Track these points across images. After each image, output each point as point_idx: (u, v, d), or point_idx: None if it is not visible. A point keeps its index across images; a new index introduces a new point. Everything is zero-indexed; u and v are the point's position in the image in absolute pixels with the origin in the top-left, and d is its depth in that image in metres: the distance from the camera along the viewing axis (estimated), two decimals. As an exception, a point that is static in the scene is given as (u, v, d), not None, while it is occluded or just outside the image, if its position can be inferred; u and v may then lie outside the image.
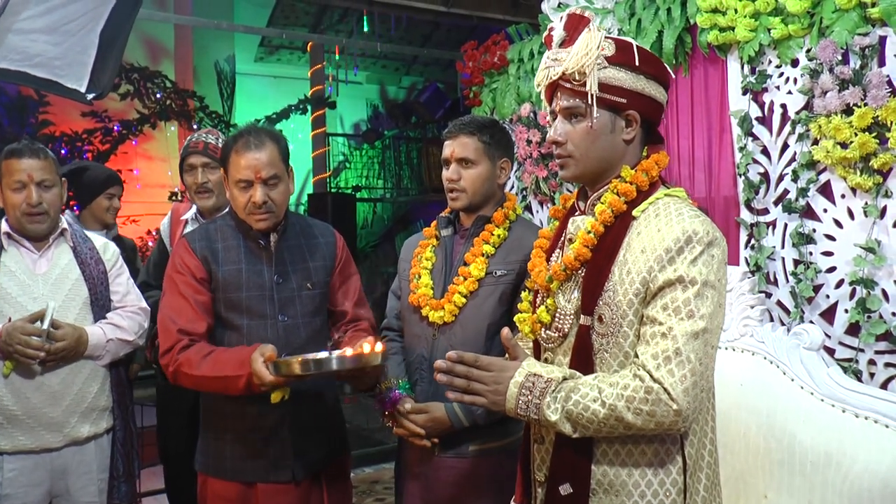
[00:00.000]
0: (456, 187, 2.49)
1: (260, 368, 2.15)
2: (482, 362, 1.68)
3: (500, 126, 2.58)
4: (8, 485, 2.59)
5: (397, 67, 13.01)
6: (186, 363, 2.31)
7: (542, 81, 1.79)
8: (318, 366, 2.14)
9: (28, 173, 2.68)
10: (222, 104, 10.49)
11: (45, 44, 3.72)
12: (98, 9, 3.84)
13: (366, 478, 5.39)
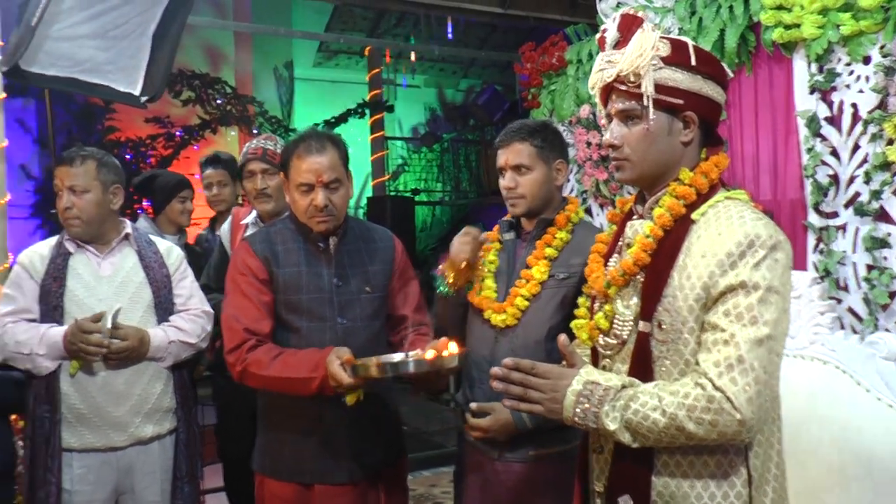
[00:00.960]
0: (514, 195, 2.46)
1: (337, 370, 2.16)
2: (539, 369, 1.65)
3: (552, 128, 2.55)
4: (77, 482, 2.65)
5: (455, 70, 13.02)
6: (255, 363, 2.33)
7: (596, 84, 1.76)
8: (395, 368, 2.15)
9: (61, 178, 2.76)
10: (281, 109, 10.62)
11: (94, 49, 3.78)
12: (149, 11, 3.89)
13: (424, 481, 5.37)
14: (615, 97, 1.72)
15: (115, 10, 3.77)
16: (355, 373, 2.14)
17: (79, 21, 3.68)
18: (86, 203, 2.75)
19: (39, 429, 2.64)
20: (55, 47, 3.66)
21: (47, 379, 2.65)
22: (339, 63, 12.48)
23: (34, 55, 3.61)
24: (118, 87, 3.94)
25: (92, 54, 3.77)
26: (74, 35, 3.70)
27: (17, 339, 2.63)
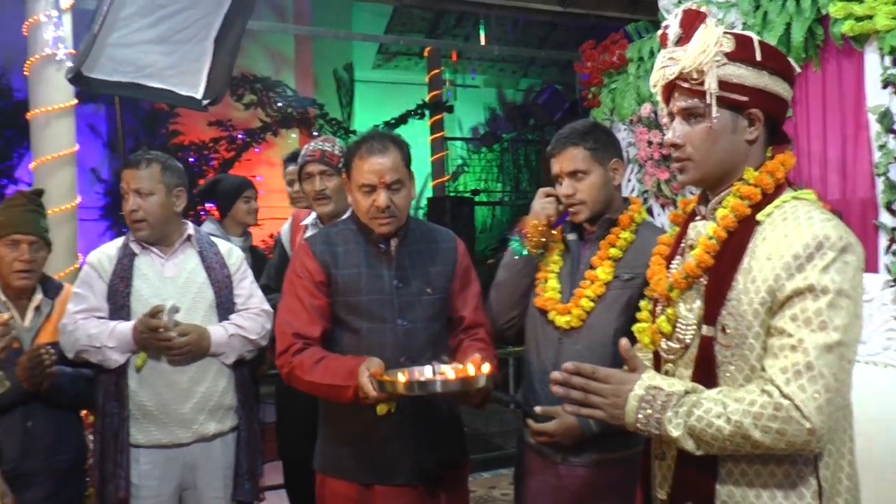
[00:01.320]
0: (574, 201, 2.43)
1: (365, 383, 2.16)
2: (600, 374, 1.61)
3: (602, 127, 2.52)
4: (144, 476, 2.72)
5: (514, 70, 12.96)
6: (300, 367, 2.35)
7: (658, 82, 1.72)
8: (421, 387, 2.13)
9: (127, 182, 2.81)
10: (341, 111, 10.70)
11: (157, 54, 3.85)
12: (210, 16, 3.94)
13: (483, 482, 5.35)
14: (677, 95, 1.68)
15: (176, 15, 3.84)
16: (382, 388, 2.14)
17: (141, 27, 3.75)
18: (151, 205, 2.80)
19: (108, 425, 2.71)
20: (117, 53, 3.74)
21: (116, 376, 2.72)
22: (398, 64, 12.52)
23: (96, 61, 3.70)
24: (180, 91, 4.01)
25: (154, 59, 3.84)
26: (136, 41, 3.78)
27: (88, 332, 2.71)
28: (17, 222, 2.87)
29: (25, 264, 2.85)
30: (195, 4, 3.89)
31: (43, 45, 4.54)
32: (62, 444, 2.89)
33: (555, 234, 2.54)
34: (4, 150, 7.77)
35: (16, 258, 2.83)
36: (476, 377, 2.13)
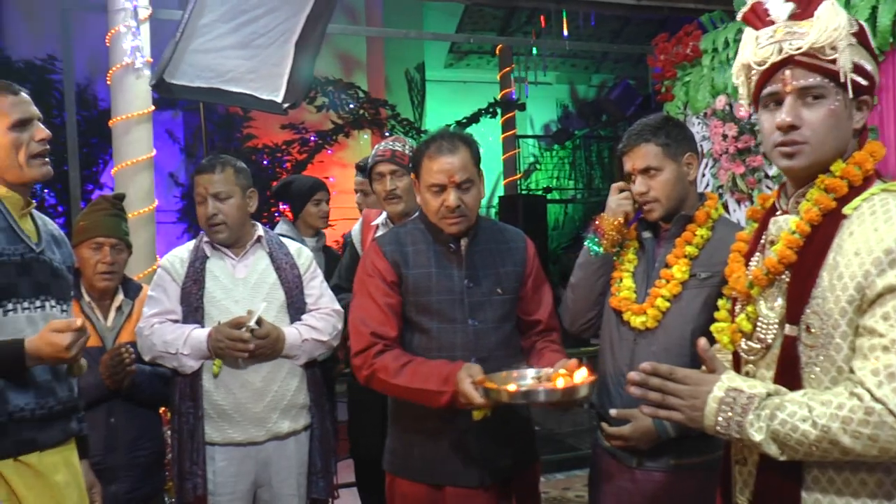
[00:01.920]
0: (648, 199, 2.36)
1: (469, 390, 2.13)
2: (678, 374, 1.55)
3: (675, 121, 2.44)
4: (220, 474, 2.76)
5: (587, 66, 12.85)
6: (383, 369, 2.33)
7: (768, 57, 1.58)
8: (527, 397, 2.11)
9: (205, 187, 2.84)
10: (413, 111, 10.76)
11: (238, 59, 3.91)
12: (291, 20, 3.99)
13: (557, 484, 5.29)
14: (794, 72, 1.55)
15: (258, 20, 3.90)
16: (487, 396, 2.11)
17: (222, 33, 3.82)
18: (229, 208, 2.85)
19: (185, 424, 2.76)
20: (199, 59, 3.81)
21: (190, 377, 2.77)
22: (469, 63, 12.54)
23: (178, 68, 3.78)
24: (261, 95, 4.08)
25: (236, 64, 3.91)
26: (218, 47, 3.85)
27: (164, 339, 2.76)
28: (100, 226, 2.97)
29: (108, 266, 2.94)
30: (276, 9, 3.94)
31: (123, 55, 4.66)
32: (143, 440, 2.96)
33: (628, 233, 2.49)
34: (90, 156, 8.04)
35: (99, 260, 2.93)
36: (580, 386, 2.09)
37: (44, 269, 2.25)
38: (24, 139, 2.18)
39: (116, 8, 4.67)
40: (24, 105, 2.21)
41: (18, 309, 2.16)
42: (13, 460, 2.11)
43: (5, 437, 2.09)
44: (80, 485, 2.31)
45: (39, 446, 2.16)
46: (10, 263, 2.15)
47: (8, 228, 2.19)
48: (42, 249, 2.27)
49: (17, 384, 2.13)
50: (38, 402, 2.16)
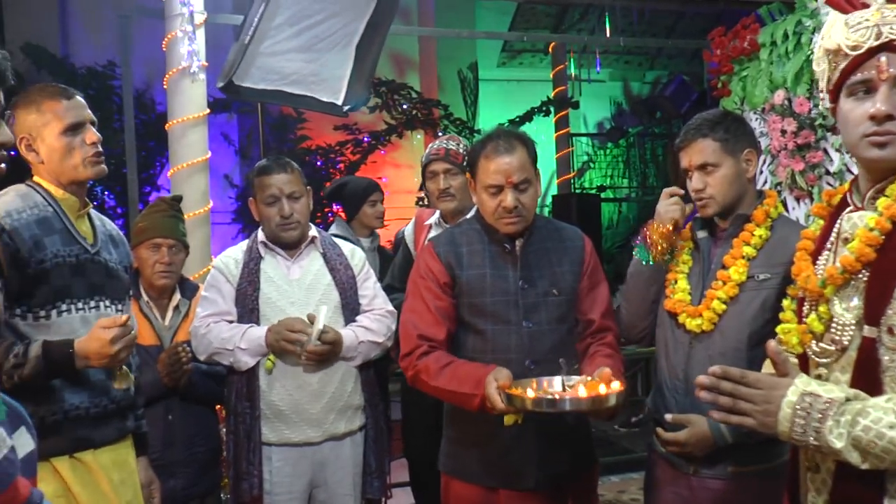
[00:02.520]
0: (703, 196, 2.30)
1: (493, 394, 2.11)
2: (749, 378, 1.47)
3: (734, 116, 2.36)
4: (276, 474, 2.78)
5: (641, 62, 12.69)
6: (425, 371, 2.33)
7: (863, 42, 1.50)
8: (551, 405, 2.07)
9: (279, 187, 2.85)
10: (466, 111, 10.73)
11: (301, 62, 3.96)
12: (352, 24, 4.03)
13: (612, 487, 5.22)
14: (891, 58, 1.48)
15: (322, 23, 3.95)
16: (510, 402, 2.08)
17: (288, 36, 3.88)
18: (301, 207, 2.89)
19: (241, 424, 2.78)
20: (265, 62, 3.88)
21: (247, 377, 2.79)
22: (522, 62, 12.48)
23: (247, 71, 3.85)
24: (322, 97, 4.13)
25: (299, 67, 3.97)
26: (283, 50, 3.91)
27: (221, 336, 2.79)
28: (159, 227, 3.04)
29: (166, 266, 3.01)
30: (339, 13, 3.99)
31: (179, 60, 4.75)
32: (199, 437, 3.01)
33: (682, 234, 2.44)
34: (147, 159, 8.21)
35: (157, 260, 3.00)
36: (606, 396, 2.04)
37: (98, 270, 2.29)
38: (75, 143, 2.23)
39: (173, 13, 4.76)
40: (76, 109, 2.25)
41: (73, 309, 2.20)
42: (68, 457, 2.15)
43: (60, 434, 2.14)
44: (135, 483, 2.35)
45: (94, 444, 2.21)
46: (65, 265, 2.19)
47: (64, 230, 2.23)
48: (98, 250, 2.31)
49: (72, 383, 2.17)
50: (92, 402, 2.21)
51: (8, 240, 2.09)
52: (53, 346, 2.09)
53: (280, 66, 3.93)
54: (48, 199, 2.24)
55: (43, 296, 2.15)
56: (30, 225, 2.15)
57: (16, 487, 1.21)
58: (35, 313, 2.15)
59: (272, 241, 2.90)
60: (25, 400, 2.05)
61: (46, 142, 2.22)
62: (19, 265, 2.11)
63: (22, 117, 2.22)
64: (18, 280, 2.11)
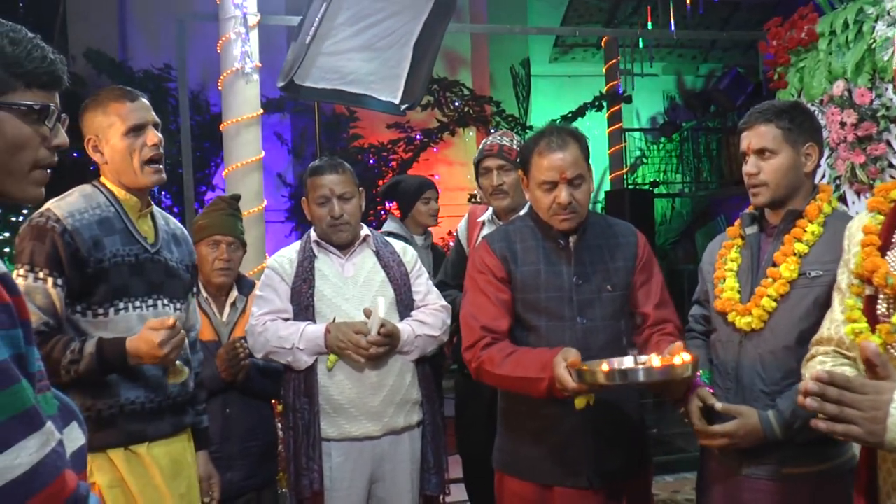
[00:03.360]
0: (756, 182, 2.24)
1: (562, 374, 2.08)
2: (855, 384, 1.39)
3: (802, 108, 2.30)
4: (336, 469, 2.79)
5: (694, 55, 12.52)
6: (489, 361, 2.32)
7: None
8: (623, 377, 2.04)
9: (330, 188, 2.87)
10: (518, 107, 10.71)
11: (360, 61, 4.00)
12: (411, 23, 4.06)
13: (666, 486, 5.16)
14: None
15: (381, 23, 3.99)
16: (581, 378, 2.04)
17: (348, 35, 3.93)
18: (352, 208, 2.90)
19: (300, 420, 2.80)
20: (326, 61, 3.93)
21: (305, 373, 2.81)
22: (575, 57, 12.41)
23: (308, 70, 3.90)
24: (380, 96, 4.16)
25: (357, 66, 4.01)
26: (343, 49, 3.95)
27: (278, 334, 2.81)
28: (217, 225, 3.11)
29: (224, 263, 3.08)
30: (398, 13, 4.02)
31: (233, 61, 4.83)
32: (256, 431, 3.06)
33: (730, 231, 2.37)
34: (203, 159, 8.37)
35: (216, 257, 3.07)
36: (682, 365, 2.01)
37: (158, 269, 2.34)
38: (137, 145, 2.27)
39: (227, 16, 4.84)
40: (140, 111, 2.30)
41: (130, 307, 2.26)
42: (123, 449, 2.21)
43: (116, 427, 2.20)
44: (190, 476, 2.39)
45: (147, 437, 2.26)
46: (123, 264, 2.25)
47: (124, 230, 2.28)
48: (158, 249, 2.36)
49: (128, 379, 2.23)
50: (147, 397, 2.26)
51: (69, 239, 2.15)
52: (107, 344, 2.15)
53: (340, 65, 3.97)
54: (111, 200, 2.30)
55: (102, 294, 2.22)
56: (91, 225, 2.21)
57: (63, 480, 1.24)
58: (94, 310, 2.22)
59: (324, 240, 2.93)
60: (84, 394, 2.16)
61: (110, 142, 2.27)
62: (79, 264, 2.17)
63: (89, 119, 2.29)
64: (79, 279, 2.18)
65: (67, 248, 2.15)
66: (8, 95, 1.29)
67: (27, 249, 2.15)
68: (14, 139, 1.31)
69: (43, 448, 1.21)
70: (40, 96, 1.34)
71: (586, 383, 2.04)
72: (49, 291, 2.14)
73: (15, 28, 1.33)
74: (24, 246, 2.16)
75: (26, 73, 1.31)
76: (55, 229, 2.15)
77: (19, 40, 1.31)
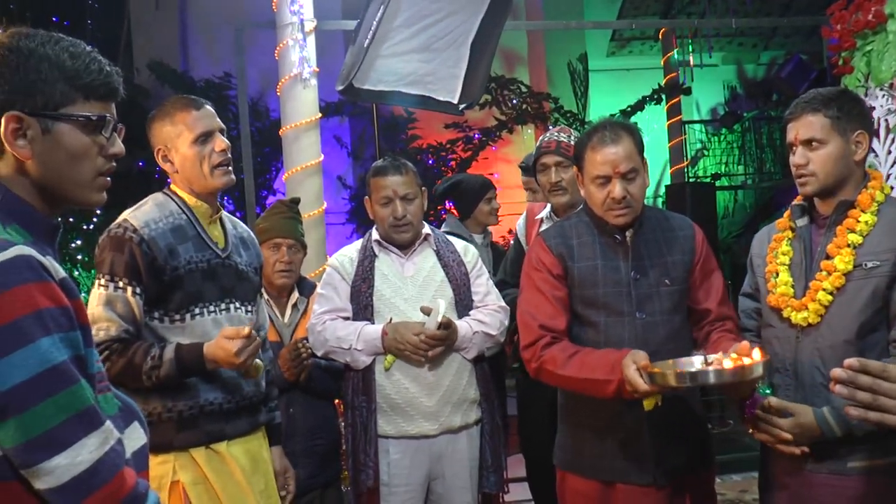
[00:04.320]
0: (804, 172, 2.19)
1: (634, 376, 2.07)
2: (891, 372, 1.36)
3: (851, 95, 2.24)
4: (394, 466, 2.83)
5: (755, 43, 12.26)
6: (551, 361, 2.32)
7: None
8: (694, 378, 2.03)
9: (393, 189, 2.90)
10: (576, 103, 10.64)
11: (418, 62, 4.02)
12: (468, 22, 4.06)
13: (733, 486, 5.06)
14: None
15: (438, 23, 4.00)
16: (652, 381, 2.03)
17: (406, 37, 3.95)
18: (415, 209, 2.93)
19: (358, 417, 2.85)
20: (384, 64, 3.96)
21: (363, 371, 2.85)
22: (632, 50, 12.28)
23: (366, 73, 3.94)
24: (438, 96, 4.18)
25: (416, 67, 4.03)
26: (401, 51, 3.98)
27: (337, 334, 2.86)
28: (278, 227, 3.17)
29: (285, 265, 3.14)
30: (457, 12, 4.03)
31: (291, 67, 4.90)
32: (319, 430, 3.12)
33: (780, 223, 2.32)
34: (263, 164, 8.51)
35: (277, 259, 3.13)
36: (752, 366, 1.97)
37: (229, 273, 2.40)
38: (206, 151, 2.33)
39: (284, 23, 4.91)
40: (206, 119, 2.36)
41: (205, 312, 2.32)
42: (204, 448, 2.27)
43: (197, 427, 2.27)
44: (267, 472, 2.45)
45: (227, 436, 2.32)
46: (197, 270, 2.31)
47: (196, 237, 2.35)
48: (228, 254, 2.42)
49: (207, 380, 2.30)
50: (225, 397, 2.32)
51: (147, 249, 2.22)
52: (185, 350, 2.22)
53: (398, 67, 4.00)
54: (182, 207, 2.37)
55: (178, 300, 2.29)
56: (165, 234, 2.27)
57: (122, 478, 1.29)
58: (171, 316, 2.29)
59: (386, 240, 2.96)
60: (165, 396, 2.24)
61: (179, 151, 2.33)
62: (156, 272, 2.24)
63: (157, 129, 2.36)
64: (156, 286, 2.25)
65: (145, 258, 2.22)
66: (68, 107, 1.35)
67: (107, 260, 2.22)
68: (75, 150, 1.37)
69: (102, 446, 1.26)
70: (98, 107, 1.39)
71: (657, 385, 2.03)
72: (129, 300, 2.21)
73: (74, 42, 1.38)
74: (105, 256, 2.23)
75: (85, 85, 1.36)
76: (133, 239, 2.22)
77: (78, 54, 1.36)
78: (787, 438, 2.14)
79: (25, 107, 1.31)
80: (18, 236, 1.30)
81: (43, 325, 1.22)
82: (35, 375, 1.21)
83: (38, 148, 1.33)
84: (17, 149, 1.32)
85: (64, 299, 1.28)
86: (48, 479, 1.22)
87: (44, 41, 1.34)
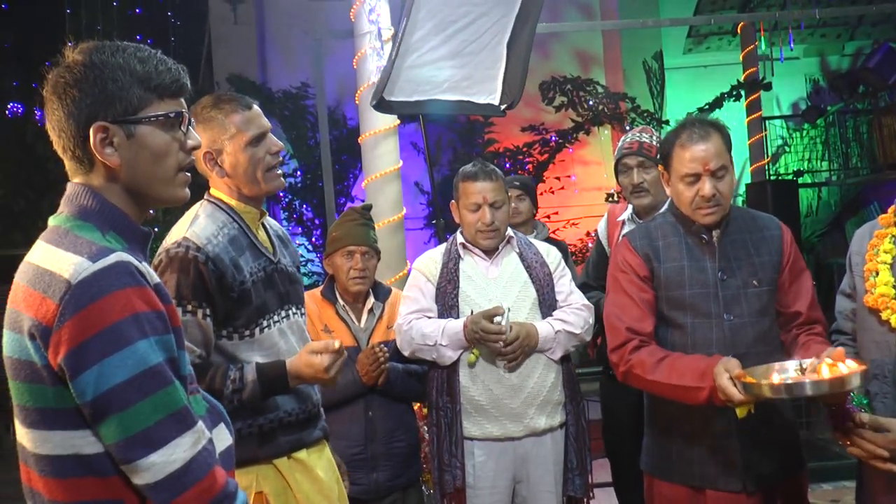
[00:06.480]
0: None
1: (727, 385, 2.04)
2: None
3: None
4: (479, 468, 2.85)
5: (839, 34, 11.87)
6: (639, 365, 2.30)
7: None
8: (790, 390, 1.99)
9: (483, 195, 2.91)
10: (653, 102, 10.50)
11: (451, 68, 4.01)
12: (500, 22, 4.04)
13: (824, 495, 4.89)
14: None
15: (468, 27, 3.99)
16: (747, 390, 2.00)
17: (434, 45, 3.95)
18: (503, 215, 2.95)
19: (443, 418, 2.87)
20: (415, 75, 3.97)
21: (447, 373, 2.87)
22: (710, 46, 12.04)
23: (396, 85, 3.95)
24: (477, 100, 4.17)
25: (450, 73, 4.03)
26: (431, 60, 3.98)
27: (422, 332, 2.88)
28: (351, 235, 3.18)
29: (359, 272, 3.14)
30: (486, 13, 4.01)
31: (369, 75, 4.98)
32: (398, 432, 3.13)
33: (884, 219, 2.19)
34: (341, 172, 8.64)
35: (351, 266, 3.13)
36: (850, 376, 1.92)
37: (283, 278, 2.34)
38: (260, 154, 2.21)
39: (362, 32, 4.99)
40: (257, 120, 2.23)
41: (271, 324, 2.27)
42: (287, 458, 2.27)
43: (277, 438, 2.26)
44: (338, 476, 2.46)
45: (305, 444, 2.32)
46: (259, 281, 2.23)
47: (251, 245, 2.25)
48: (278, 259, 2.35)
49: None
50: (300, 407, 2.31)
51: (213, 267, 2.11)
52: (267, 369, 2.18)
53: (431, 75, 3.98)
54: (232, 215, 2.25)
55: (246, 316, 2.22)
56: (226, 248, 2.17)
57: (213, 476, 1.35)
58: (240, 333, 2.22)
59: (471, 243, 2.99)
60: (246, 414, 2.19)
61: (232, 154, 2.21)
62: (225, 290, 2.14)
63: (202, 132, 2.16)
64: (225, 305, 2.15)
65: (213, 276, 2.11)
66: (146, 110, 1.41)
67: (171, 283, 2.07)
68: (158, 148, 1.43)
69: (195, 445, 1.32)
70: (171, 105, 1.45)
71: (752, 395, 2.00)
72: (200, 323, 2.11)
73: (139, 48, 1.44)
74: (167, 279, 2.07)
75: (158, 86, 1.42)
76: (198, 259, 2.10)
77: (146, 58, 1.42)
78: (883, 455, 2.01)
79: (108, 116, 1.37)
80: (117, 244, 1.36)
81: (140, 329, 1.28)
82: (133, 376, 1.27)
83: (124, 153, 1.39)
84: (106, 157, 1.38)
85: (159, 303, 1.34)
86: (145, 476, 1.29)
87: (113, 51, 1.40)
